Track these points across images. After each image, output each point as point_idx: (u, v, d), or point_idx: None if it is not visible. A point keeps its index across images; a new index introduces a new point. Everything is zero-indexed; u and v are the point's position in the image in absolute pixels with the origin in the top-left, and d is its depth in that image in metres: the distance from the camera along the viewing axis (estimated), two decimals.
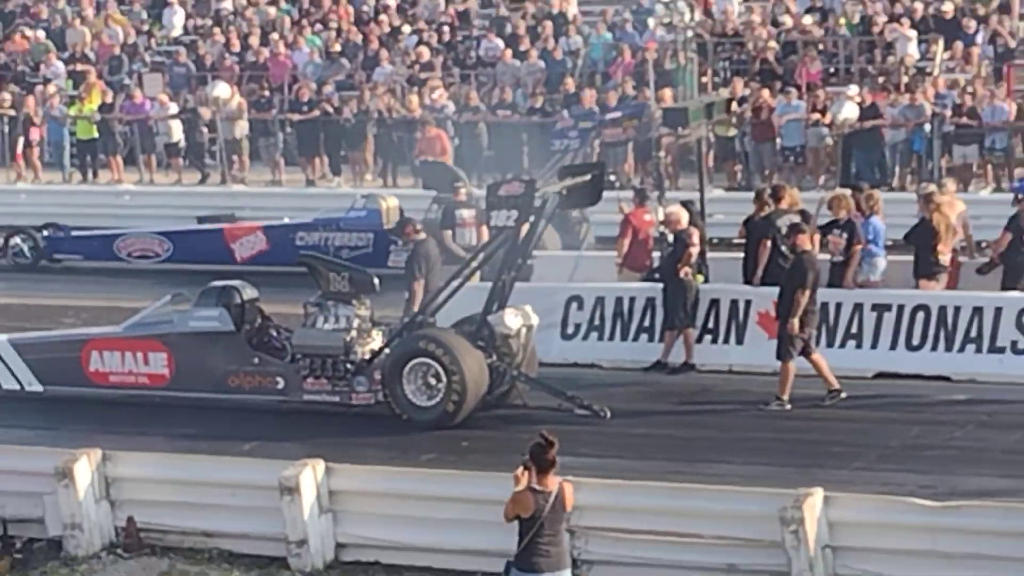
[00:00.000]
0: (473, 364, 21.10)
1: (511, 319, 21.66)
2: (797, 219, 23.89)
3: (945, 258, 23.56)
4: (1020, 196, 24.70)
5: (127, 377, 22.89)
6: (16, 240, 32.85)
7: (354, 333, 22.06)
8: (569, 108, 35.55)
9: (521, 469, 14.08)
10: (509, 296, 21.93)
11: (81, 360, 23.09)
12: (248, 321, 22.44)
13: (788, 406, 21.39)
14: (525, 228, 21.74)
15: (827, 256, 23.82)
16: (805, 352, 21.47)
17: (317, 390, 21.94)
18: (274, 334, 22.53)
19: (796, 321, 21.17)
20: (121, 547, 18.12)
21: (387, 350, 21.69)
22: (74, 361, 23.11)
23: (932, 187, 25.19)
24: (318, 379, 21.94)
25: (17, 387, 23.20)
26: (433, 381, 21.04)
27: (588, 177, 23.44)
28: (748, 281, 23.53)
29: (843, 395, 21.48)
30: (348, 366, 21.79)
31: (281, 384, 22.14)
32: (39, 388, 23.14)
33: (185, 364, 22.53)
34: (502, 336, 21.55)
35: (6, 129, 42.10)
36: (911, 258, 23.74)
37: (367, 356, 21.78)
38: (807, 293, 21.20)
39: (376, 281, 22.63)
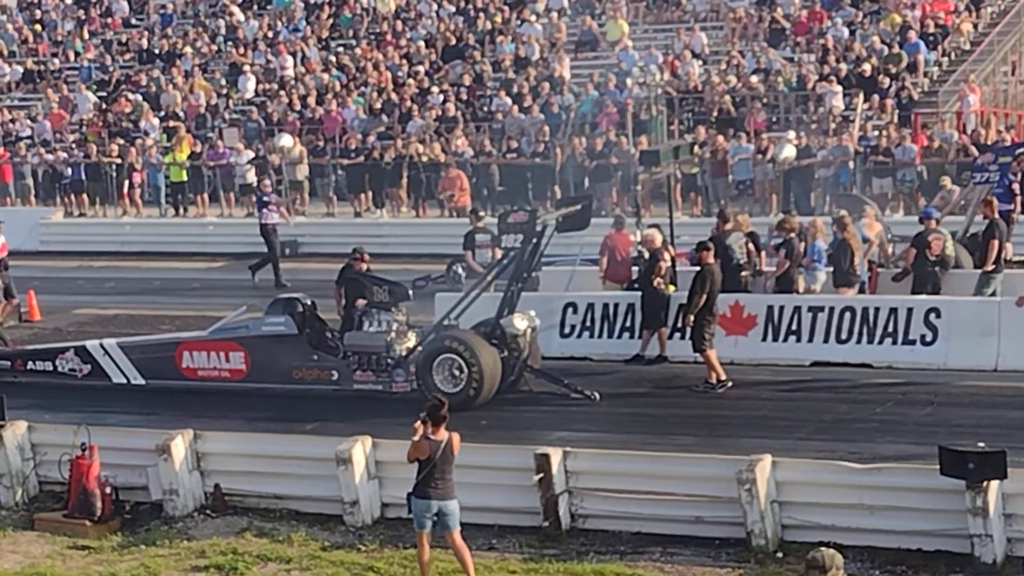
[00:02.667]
0: (489, 358, 21.22)
1: (519, 322, 21.77)
2: (744, 238, 24.11)
3: (858, 269, 23.67)
4: (923, 219, 24.80)
5: (212, 372, 22.95)
6: None
7: (393, 334, 22.22)
8: (989, 146, 33.56)
9: (418, 423, 14.92)
10: (517, 303, 22.01)
11: (175, 359, 23.14)
12: (308, 326, 22.51)
13: (729, 384, 21.64)
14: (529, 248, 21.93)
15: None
16: (711, 343, 21.87)
17: (364, 380, 22.05)
18: (329, 336, 22.58)
19: (692, 316, 21.70)
20: (209, 508, 18.24)
21: (420, 348, 21.79)
22: (169, 360, 23.17)
23: (844, 212, 25.20)
24: (365, 372, 22.07)
25: (124, 381, 23.30)
26: (457, 372, 21.10)
27: (579, 207, 23.60)
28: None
29: (729, 383, 21.66)
30: (389, 361, 21.93)
31: (335, 376, 22.24)
32: (142, 382, 23.23)
33: (258, 361, 22.60)
34: (512, 335, 21.64)
35: (113, 174, 42.10)
36: None
37: (404, 353, 21.91)
38: (703, 297, 21.58)
39: (411, 292, 22.91)
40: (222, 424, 19.65)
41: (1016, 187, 27.75)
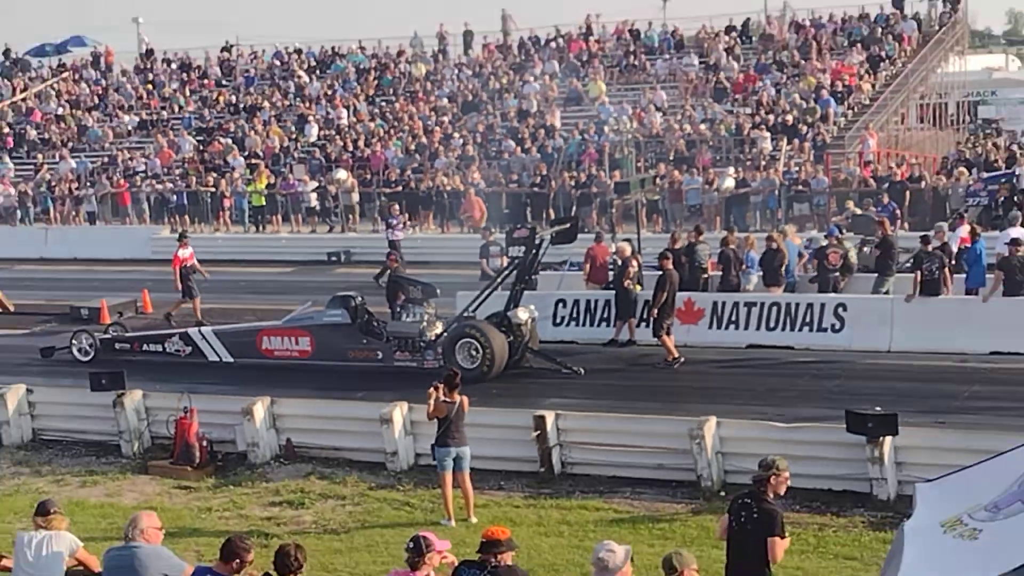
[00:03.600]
0: (498, 342, 21.22)
1: (522, 313, 21.79)
2: (708, 248, 24.15)
3: (783, 273, 23.68)
4: (827, 236, 24.80)
5: (285, 352, 22.88)
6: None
7: (425, 323, 22.22)
8: (986, 170, 33.96)
9: (432, 388, 15.22)
10: (520, 299, 22.01)
11: (256, 342, 23.11)
12: (359, 317, 22.48)
13: (682, 360, 21.59)
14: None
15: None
16: (668, 331, 21.84)
17: (402, 359, 22.00)
18: (375, 325, 22.54)
19: (656, 309, 21.77)
20: (282, 457, 18.23)
21: (445, 333, 21.75)
22: (252, 343, 23.14)
23: (775, 232, 25.29)
24: (403, 352, 22.03)
25: (218, 359, 23.27)
26: (474, 353, 21.10)
27: (567, 225, 23.66)
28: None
29: (682, 360, 21.61)
30: (422, 344, 21.90)
31: (380, 356, 22.17)
32: (230, 360, 23.19)
33: (321, 344, 22.55)
34: (516, 324, 21.66)
35: (208, 199, 42.19)
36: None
37: (433, 337, 21.86)
38: (664, 295, 21.62)
39: (438, 291, 22.92)
40: (292, 393, 19.55)
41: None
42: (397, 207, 35.48)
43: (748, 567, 10.26)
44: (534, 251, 21.95)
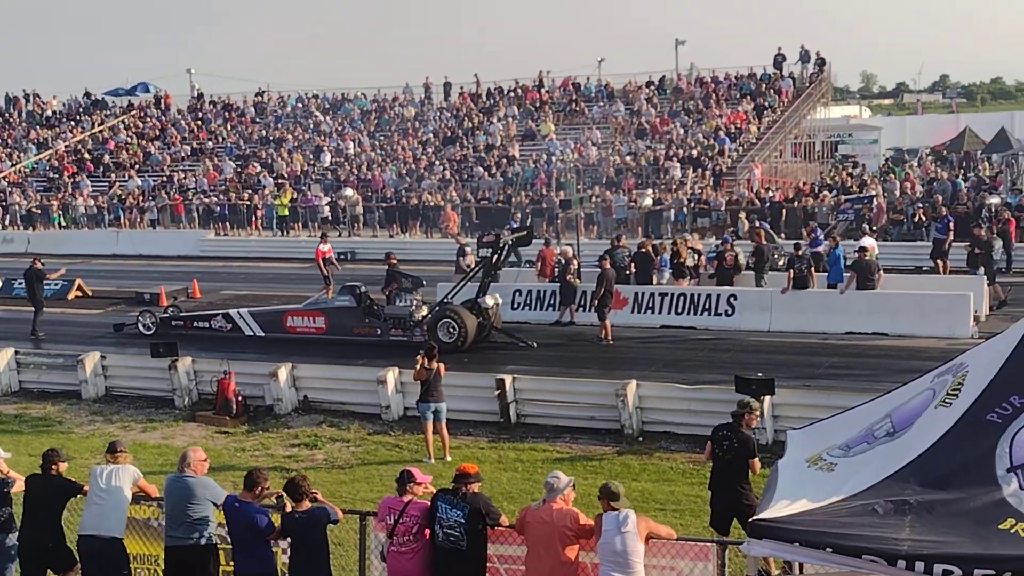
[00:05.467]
0: (471, 322, 21.19)
1: (489, 300, 21.79)
2: (627, 251, 24.12)
3: (685, 270, 23.73)
4: (723, 243, 24.85)
5: (305, 329, 22.72)
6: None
7: (414, 307, 22.11)
8: (843, 193, 34.30)
9: (418, 358, 15.26)
10: (488, 288, 21.92)
11: (283, 320, 22.94)
12: (363, 301, 22.36)
13: (611, 342, 21.48)
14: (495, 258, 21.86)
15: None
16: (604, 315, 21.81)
17: (396, 335, 21.91)
18: (375, 308, 22.40)
19: (597, 300, 21.70)
20: (300, 409, 18.12)
21: (430, 315, 21.68)
22: (279, 321, 22.97)
23: (678, 238, 25.41)
24: (397, 330, 21.95)
25: (252, 334, 23.07)
26: (452, 330, 21.05)
27: (524, 232, 23.60)
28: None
29: (611, 342, 21.48)
30: (411, 323, 21.81)
31: (379, 332, 22.07)
32: (262, 334, 22.99)
33: (333, 322, 22.44)
34: (484, 308, 21.63)
35: (244, 210, 41.92)
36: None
37: (420, 318, 21.78)
38: (603, 288, 21.61)
39: (423, 282, 22.84)
40: (310, 360, 19.42)
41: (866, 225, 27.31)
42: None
43: (733, 481, 10.69)
44: (498, 252, 21.91)
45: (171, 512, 9.39)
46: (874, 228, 28.72)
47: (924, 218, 29.37)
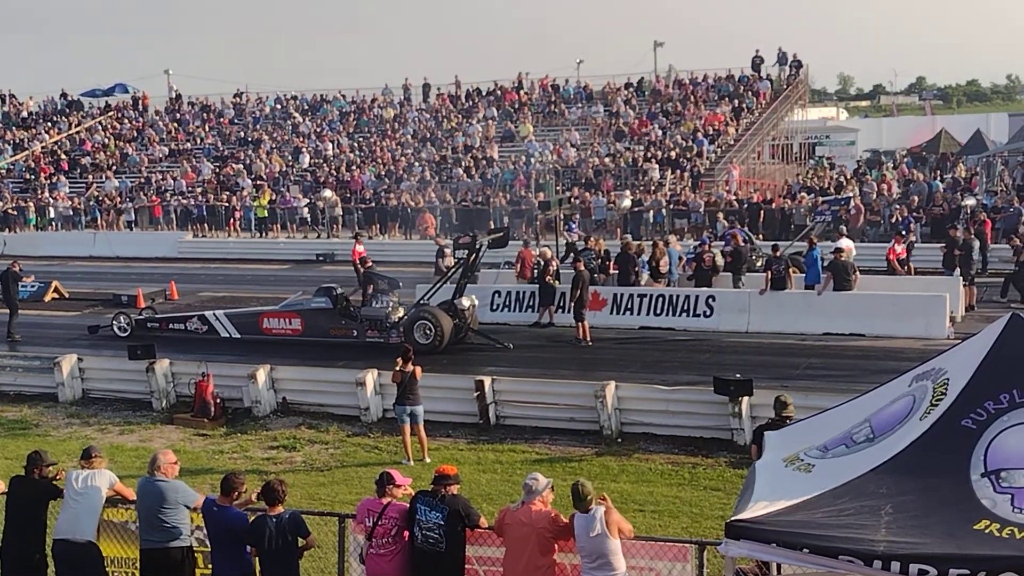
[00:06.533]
0: (447, 323, 21.14)
1: (465, 301, 21.72)
2: (598, 255, 24.14)
3: (665, 271, 23.74)
4: (701, 244, 24.93)
5: (281, 330, 22.60)
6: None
7: (390, 308, 22.04)
8: (825, 194, 34.12)
9: (399, 361, 15.25)
10: (464, 290, 21.89)
11: (259, 322, 22.82)
12: (339, 303, 22.28)
13: (590, 343, 21.45)
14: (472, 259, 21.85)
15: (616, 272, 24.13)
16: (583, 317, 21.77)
17: (373, 336, 21.83)
18: (351, 309, 22.34)
19: (575, 302, 21.64)
20: (279, 411, 18.06)
21: (406, 316, 21.61)
22: (255, 323, 22.85)
23: (658, 239, 25.46)
24: (373, 331, 21.86)
25: (228, 336, 22.94)
26: (428, 331, 21.00)
27: (501, 234, 23.57)
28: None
29: (590, 343, 21.45)
30: (388, 324, 21.74)
31: (355, 333, 21.99)
32: (238, 336, 22.86)
33: (309, 324, 22.33)
34: (460, 310, 21.57)
35: (223, 212, 41.72)
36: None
37: (396, 319, 21.71)
38: (579, 291, 21.59)
39: (400, 283, 22.79)
40: (287, 361, 19.35)
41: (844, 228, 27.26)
42: (577, 217, 33.10)
43: None
44: (476, 253, 21.88)
45: (144, 516, 9.37)
46: (849, 230, 28.84)
47: (901, 219, 29.61)
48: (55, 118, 56.94)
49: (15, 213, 45.39)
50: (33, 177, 49.57)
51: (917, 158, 52.70)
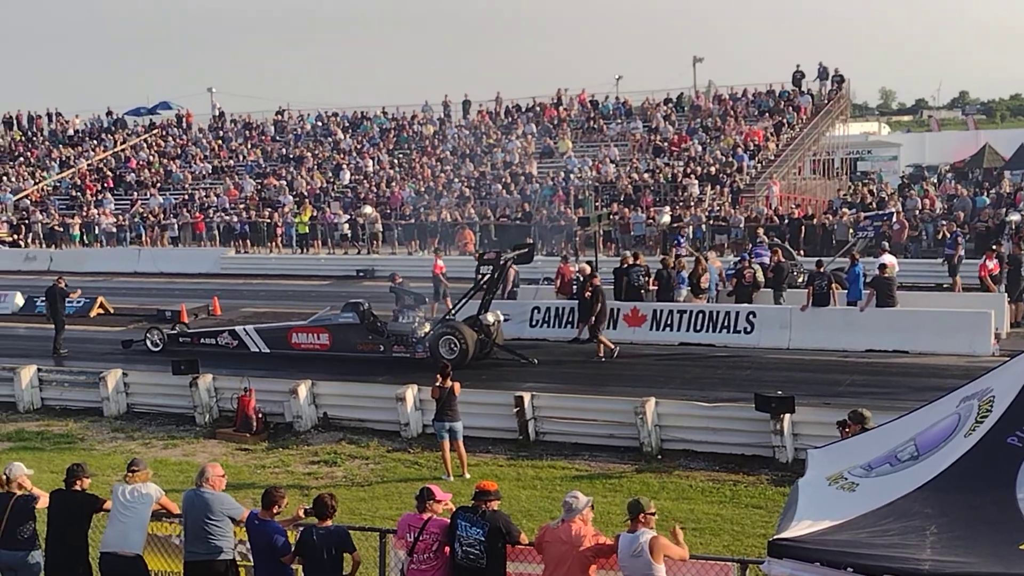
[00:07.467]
0: (471, 338, 21.19)
1: (490, 316, 21.84)
2: (643, 269, 24.01)
3: (705, 287, 23.65)
4: (741, 260, 24.79)
5: (309, 345, 22.66)
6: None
7: (416, 323, 22.15)
8: (867, 210, 33.77)
9: (438, 377, 15.40)
10: (489, 305, 21.92)
11: (288, 337, 22.92)
12: (366, 318, 22.37)
13: (605, 359, 21.41)
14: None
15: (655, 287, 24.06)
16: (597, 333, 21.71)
17: (400, 352, 21.90)
18: (379, 324, 22.39)
19: (593, 318, 21.59)
20: (320, 426, 18.14)
21: (432, 332, 21.67)
22: (284, 338, 22.95)
23: (698, 254, 25.27)
24: (400, 346, 21.95)
25: (258, 351, 23.04)
26: (453, 347, 21.06)
27: (525, 250, 23.53)
28: (616, 298, 23.51)
29: (615, 354, 21.45)
30: (414, 339, 21.82)
31: (382, 348, 22.06)
32: (267, 351, 22.95)
33: (337, 339, 22.42)
34: (485, 325, 21.65)
35: (265, 228, 42.11)
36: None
37: (423, 334, 21.79)
38: (599, 306, 21.56)
39: (427, 299, 22.91)
40: (321, 376, 19.34)
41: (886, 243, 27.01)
42: (764, 237, 29.95)
43: None
44: (500, 269, 21.98)
45: (190, 527, 9.45)
46: (892, 245, 28.62)
47: (948, 234, 29.29)
48: (101, 136, 57.83)
49: (61, 230, 46.11)
50: (79, 194, 50.36)
51: (960, 173, 52.20)
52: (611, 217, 35.79)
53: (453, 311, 22.14)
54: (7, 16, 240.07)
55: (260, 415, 18.00)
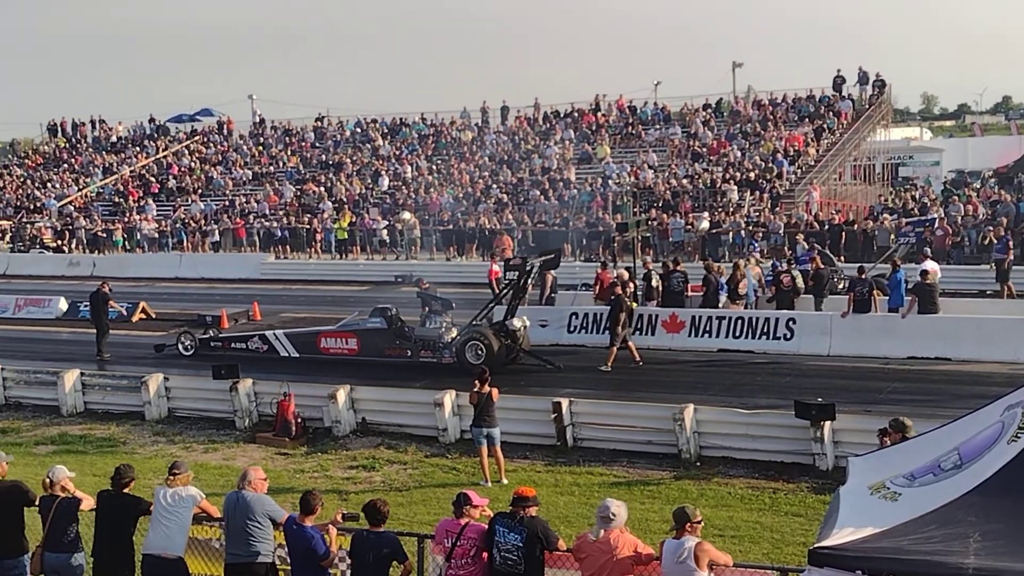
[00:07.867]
0: (498, 344, 21.25)
1: (516, 322, 21.92)
2: (683, 275, 23.89)
3: (743, 293, 23.51)
4: (777, 269, 24.60)
5: (338, 350, 22.76)
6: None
7: (443, 329, 22.19)
8: (909, 215, 33.64)
9: (476, 383, 15.37)
10: (516, 311, 21.95)
11: (316, 342, 23.05)
12: (394, 323, 22.44)
13: (609, 370, 21.16)
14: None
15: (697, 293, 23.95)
16: (624, 342, 21.55)
17: (426, 356, 21.96)
18: (406, 329, 22.47)
19: (616, 325, 21.41)
20: (359, 431, 18.21)
21: (459, 337, 21.74)
22: (313, 343, 23.08)
23: (739, 260, 25.13)
24: (427, 351, 22.01)
25: (287, 355, 23.20)
26: (480, 352, 21.13)
27: (552, 256, 23.49)
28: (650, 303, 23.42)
29: (640, 363, 21.40)
30: (441, 344, 21.88)
31: (409, 354, 22.13)
32: (296, 355, 23.11)
33: (365, 344, 22.51)
34: (511, 331, 21.71)
35: (304, 233, 42.40)
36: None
37: (449, 340, 21.86)
38: (623, 315, 21.40)
39: (453, 304, 22.91)
40: (352, 382, 19.17)
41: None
42: (803, 246, 29.41)
43: None
44: (526, 276, 21.99)
45: (232, 529, 9.51)
46: (934, 251, 28.31)
47: (996, 240, 28.89)
48: (144, 143, 58.52)
49: (104, 235, 46.72)
50: (122, 200, 50.96)
51: (1004, 178, 51.53)
52: (649, 223, 35.71)
53: (479, 316, 22.19)
54: (53, 25, 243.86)
55: (299, 420, 18.10)
